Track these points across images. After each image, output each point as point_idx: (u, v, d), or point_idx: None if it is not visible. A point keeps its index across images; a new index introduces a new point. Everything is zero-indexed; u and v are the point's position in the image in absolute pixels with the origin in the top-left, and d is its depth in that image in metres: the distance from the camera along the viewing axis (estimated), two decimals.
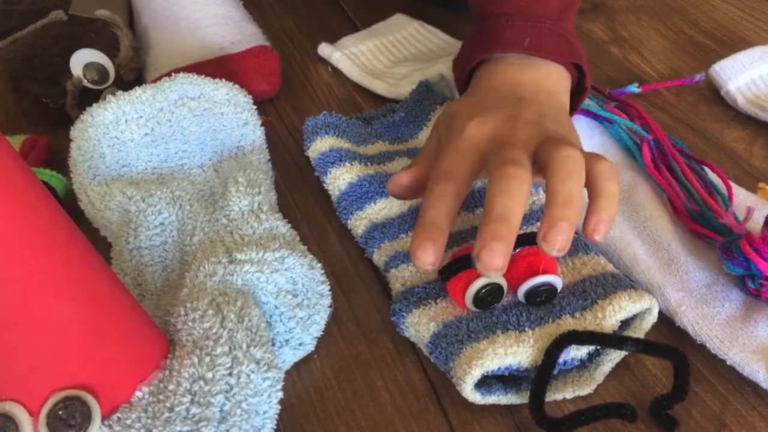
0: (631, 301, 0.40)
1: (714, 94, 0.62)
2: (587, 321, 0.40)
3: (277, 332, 0.41)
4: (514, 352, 0.39)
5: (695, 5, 0.75)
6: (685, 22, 0.72)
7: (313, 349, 0.43)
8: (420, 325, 0.42)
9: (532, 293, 0.41)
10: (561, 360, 0.39)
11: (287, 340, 0.42)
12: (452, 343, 0.40)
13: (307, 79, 0.67)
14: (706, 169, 0.51)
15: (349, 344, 0.44)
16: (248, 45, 0.62)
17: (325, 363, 0.43)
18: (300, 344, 0.42)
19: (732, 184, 0.50)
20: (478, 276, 0.40)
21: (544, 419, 0.38)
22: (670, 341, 0.43)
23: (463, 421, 0.40)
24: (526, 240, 0.42)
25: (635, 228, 0.48)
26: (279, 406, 0.38)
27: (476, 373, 0.38)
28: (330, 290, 0.45)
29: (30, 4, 0.63)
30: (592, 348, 0.40)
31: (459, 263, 0.41)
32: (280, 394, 0.38)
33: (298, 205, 0.53)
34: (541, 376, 0.39)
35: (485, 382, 0.40)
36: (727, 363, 0.41)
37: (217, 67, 0.60)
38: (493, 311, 0.42)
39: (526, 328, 0.40)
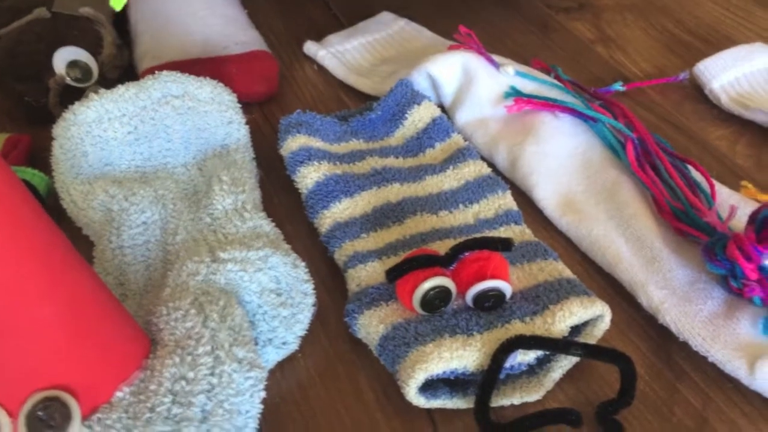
0: (583, 307, 0.40)
1: (698, 92, 0.62)
2: (536, 326, 0.40)
3: (261, 331, 0.41)
4: (460, 356, 0.38)
5: (680, 4, 0.75)
6: (669, 20, 0.73)
7: (297, 348, 0.43)
8: (370, 327, 0.41)
9: (480, 298, 0.40)
10: (508, 365, 0.39)
11: (270, 339, 0.41)
12: (399, 346, 0.40)
13: (293, 78, 0.67)
14: (690, 167, 0.51)
15: (334, 343, 0.44)
16: (252, 48, 0.63)
17: (309, 362, 0.43)
18: (283, 343, 0.42)
19: (715, 182, 0.51)
20: (425, 278, 0.40)
21: (488, 424, 0.37)
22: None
23: (446, 419, 0.40)
24: (477, 244, 0.41)
25: (619, 226, 0.48)
26: (262, 406, 0.37)
27: (419, 377, 0.38)
28: (314, 289, 0.44)
29: (15, 1, 0.62)
30: (540, 353, 0.40)
31: (407, 264, 0.41)
32: (263, 394, 0.38)
33: (283, 203, 0.53)
34: (486, 380, 0.38)
35: (432, 385, 0.39)
36: (709, 360, 0.41)
37: (219, 65, 0.60)
38: (443, 315, 0.41)
39: (475, 332, 0.40)
